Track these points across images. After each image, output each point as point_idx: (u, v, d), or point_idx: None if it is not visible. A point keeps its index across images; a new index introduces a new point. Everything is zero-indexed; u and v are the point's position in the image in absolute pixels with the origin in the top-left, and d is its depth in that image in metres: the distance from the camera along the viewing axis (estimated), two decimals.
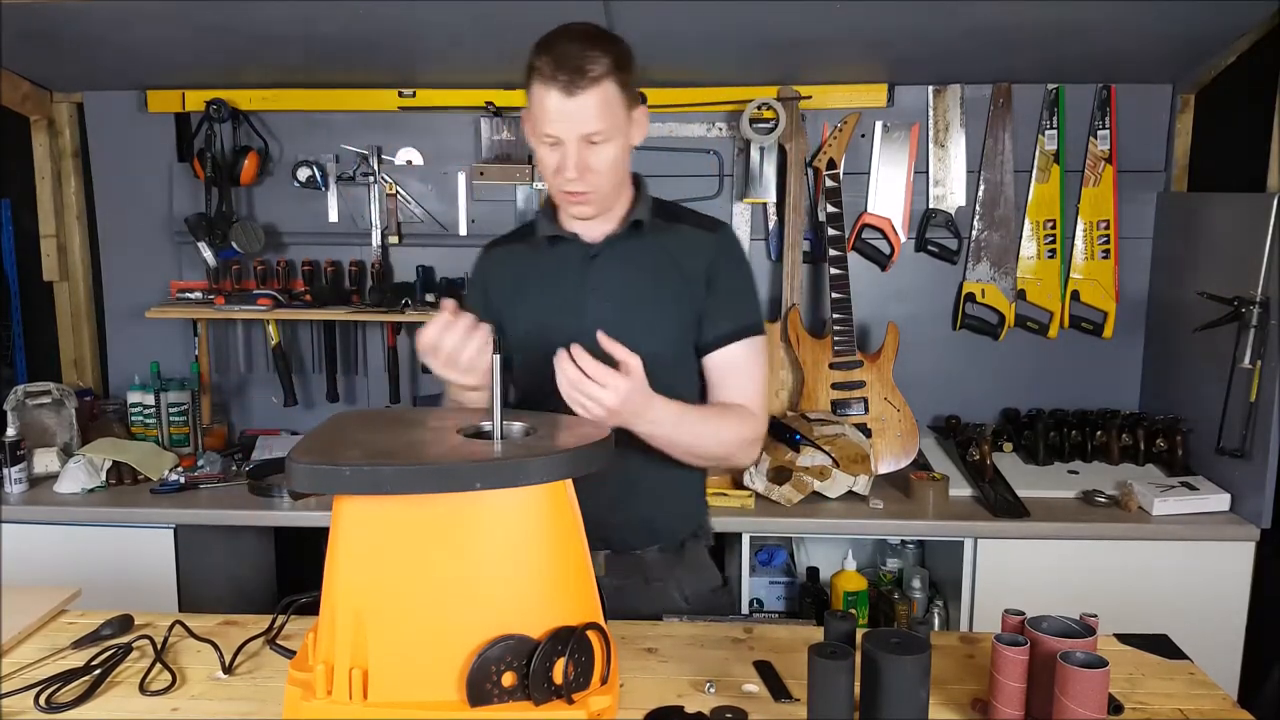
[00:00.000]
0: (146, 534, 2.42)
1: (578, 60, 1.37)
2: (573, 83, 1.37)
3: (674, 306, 1.54)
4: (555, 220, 1.57)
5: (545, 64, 1.38)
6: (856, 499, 2.44)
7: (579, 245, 1.56)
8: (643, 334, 1.49)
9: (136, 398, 2.86)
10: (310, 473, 1.05)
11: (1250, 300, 2.25)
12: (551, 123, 1.40)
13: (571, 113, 1.39)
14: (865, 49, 2.57)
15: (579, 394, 1.31)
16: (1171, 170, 2.78)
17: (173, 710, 1.24)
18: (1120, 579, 2.30)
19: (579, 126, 1.40)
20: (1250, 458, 2.29)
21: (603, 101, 1.40)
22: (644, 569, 1.58)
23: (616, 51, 1.42)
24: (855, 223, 2.82)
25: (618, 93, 1.41)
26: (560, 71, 1.37)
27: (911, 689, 1.09)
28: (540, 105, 1.40)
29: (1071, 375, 2.87)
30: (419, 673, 1.08)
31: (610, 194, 1.51)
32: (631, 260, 1.55)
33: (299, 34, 2.45)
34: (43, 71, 2.80)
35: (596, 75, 1.38)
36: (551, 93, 1.38)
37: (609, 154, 1.44)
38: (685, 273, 1.54)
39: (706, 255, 1.55)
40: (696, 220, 1.60)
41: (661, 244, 1.55)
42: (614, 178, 1.49)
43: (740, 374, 1.57)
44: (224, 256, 2.83)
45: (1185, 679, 1.31)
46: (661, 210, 1.59)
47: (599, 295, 1.53)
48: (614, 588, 1.56)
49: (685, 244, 1.56)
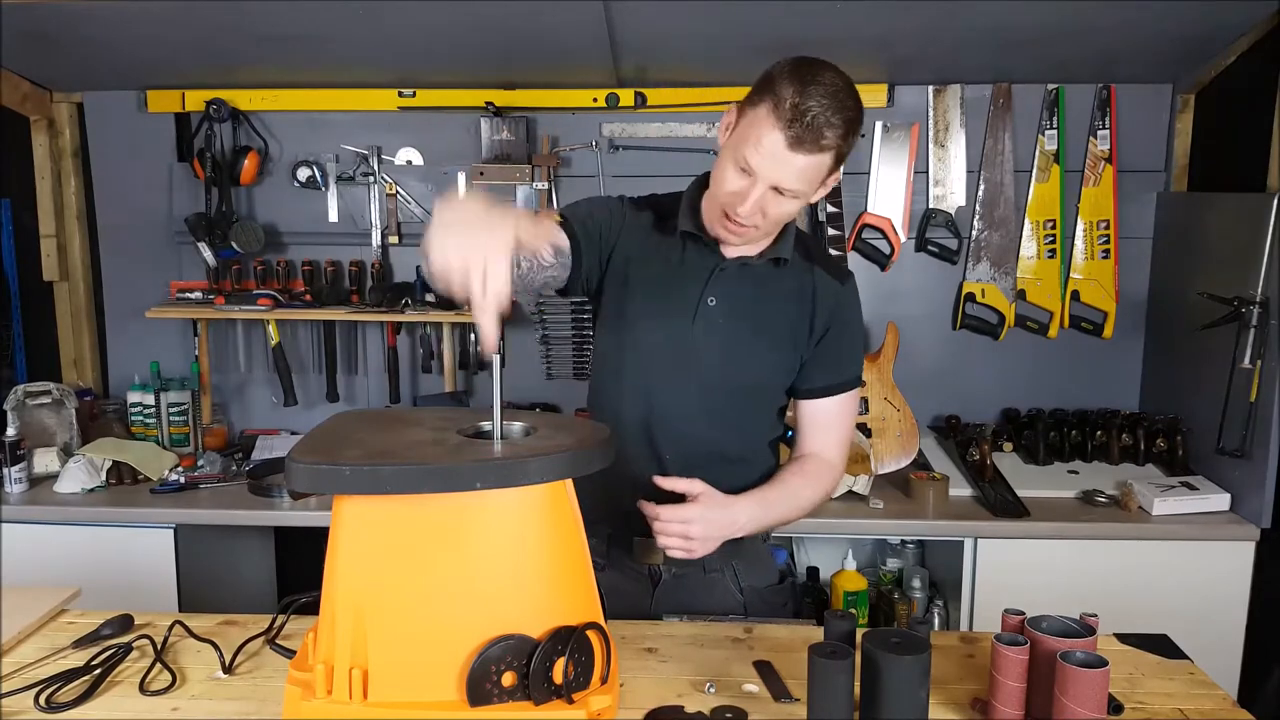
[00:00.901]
0: (146, 534, 2.42)
1: (821, 125, 1.31)
2: (801, 142, 1.32)
3: (781, 345, 1.55)
4: (699, 215, 1.53)
5: (788, 106, 1.31)
6: (856, 499, 2.44)
7: (713, 253, 1.53)
8: (744, 360, 1.53)
9: (136, 398, 2.86)
10: (310, 473, 1.05)
11: (1250, 300, 2.25)
12: (759, 158, 1.35)
13: (782, 163, 1.34)
14: (865, 49, 2.57)
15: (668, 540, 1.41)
16: (1171, 170, 2.78)
17: (173, 710, 1.24)
18: (1120, 579, 2.30)
19: (780, 178, 1.36)
20: (1250, 458, 2.29)
21: (815, 167, 1.36)
22: (702, 559, 1.56)
23: (853, 122, 1.36)
24: (855, 223, 2.82)
25: (830, 162, 1.37)
26: (795, 124, 1.31)
27: (911, 689, 1.09)
28: (757, 134, 1.34)
29: (1071, 375, 2.87)
30: (419, 673, 1.08)
31: (766, 236, 1.51)
32: (756, 287, 1.54)
33: (299, 34, 2.45)
34: (43, 71, 2.80)
35: (825, 145, 1.34)
36: (777, 135, 1.33)
37: (789, 208, 1.42)
38: (804, 316, 1.54)
39: (829, 306, 1.55)
40: (828, 265, 1.59)
41: (793, 282, 1.55)
42: (780, 223, 1.48)
43: (830, 427, 1.60)
44: (224, 256, 2.83)
45: (1185, 679, 1.31)
46: (802, 246, 1.57)
47: (714, 307, 1.52)
48: (672, 576, 1.59)
49: (812, 288, 1.55)
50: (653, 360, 1.54)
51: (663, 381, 1.54)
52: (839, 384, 1.59)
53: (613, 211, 1.57)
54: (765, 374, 1.57)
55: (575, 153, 2.84)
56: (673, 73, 2.70)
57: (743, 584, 1.62)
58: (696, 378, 1.53)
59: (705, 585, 1.60)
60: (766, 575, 1.67)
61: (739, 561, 1.62)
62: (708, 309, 1.52)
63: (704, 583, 1.60)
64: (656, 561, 1.56)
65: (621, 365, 1.56)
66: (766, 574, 1.67)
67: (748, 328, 1.53)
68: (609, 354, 1.59)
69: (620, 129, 2.82)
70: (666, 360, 1.53)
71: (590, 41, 2.44)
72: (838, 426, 1.61)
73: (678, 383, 1.53)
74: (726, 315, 1.53)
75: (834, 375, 1.58)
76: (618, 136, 2.82)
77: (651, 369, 1.54)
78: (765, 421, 1.62)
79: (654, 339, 1.53)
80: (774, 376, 1.58)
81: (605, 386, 1.60)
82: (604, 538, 1.60)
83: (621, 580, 1.59)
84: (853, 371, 1.60)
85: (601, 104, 2.77)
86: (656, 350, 1.53)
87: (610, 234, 1.55)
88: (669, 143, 2.81)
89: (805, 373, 1.58)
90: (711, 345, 1.52)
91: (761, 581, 1.65)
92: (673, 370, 1.53)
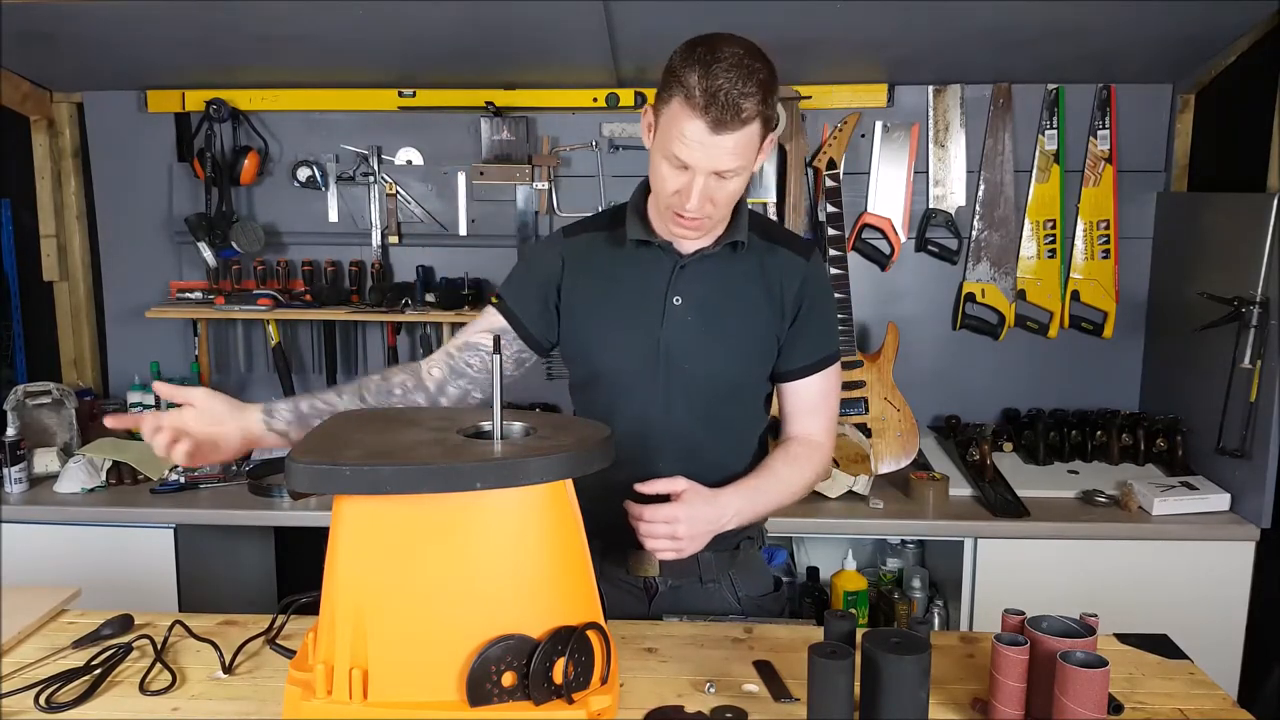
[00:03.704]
0: (146, 534, 2.42)
1: (734, 100, 1.29)
2: (723, 123, 1.30)
3: (756, 329, 1.52)
4: (647, 221, 1.52)
5: (697, 91, 1.29)
6: (856, 499, 2.44)
7: (670, 254, 1.51)
8: (721, 353, 1.50)
9: (136, 398, 2.86)
10: (310, 473, 1.05)
11: (1250, 300, 2.25)
12: (688, 151, 1.33)
13: (711, 147, 1.32)
14: (865, 49, 2.57)
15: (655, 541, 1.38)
16: (1171, 170, 2.78)
17: (173, 710, 1.24)
18: (1120, 579, 2.30)
19: (715, 162, 1.33)
20: (1250, 458, 2.29)
21: (746, 140, 1.33)
22: (699, 570, 1.55)
23: (767, 85, 1.33)
24: (855, 223, 2.82)
25: (759, 129, 1.35)
26: (712, 107, 1.29)
27: (911, 689, 1.09)
28: (678, 129, 1.32)
29: (1071, 375, 2.87)
30: (419, 673, 1.08)
31: (721, 221, 1.48)
32: (720, 277, 1.51)
33: (299, 34, 2.45)
34: (43, 71, 2.80)
35: (747, 117, 1.31)
36: (698, 123, 1.30)
37: (734, 187, 1.39)
38: (773, 297, 1.51)
39: (797, 282, 1.52)
40: (790, 242, 1.56)
41: (754, 264, 1.52)
42: (730, 207, 1.45)
43: (815, 407, 1.58)
44: (224, 256, 2.84)
45: (1185, 679, 1.31)
46: (758, 227, 1.54)
47: (680, 307, 1.50)
48: (670, 587, 1.57)
49: (778, 267, 1.52)
50: (628, 374, 1.51)
51: (642, 393, 1.51)
52: (818, 361, 1.55)
53: (547, 253, 1.58)
54: (745, 365, 1.53)
55: (575, 153, 2.84)
56: None
57: (740, 594, 1.60)
58: (676, 382, 1.50)
59: (703, 596, 1.57)
60: (763, 584, 1.64)
61: (735, 571, 1.60)
62: (674, 309, 1.49)
63: (701, 594, 1.58)
64: (652, 574, 1.55)
65: (600, 387, 1.55)
66: (762, 583, 1.65)
67: (718, 320, 1.50)
68: (586, 384, 1.58)
69: (620, 129, 2.82)
70: (642, 371, 1.50)
71: (590, 41, 2.44)
72: (823, 406, 1.58)
73: (657, 391, 1.50)
74: (695, 312, 1.50)
75: (812, 353, 1.55)
76: (618, 136, 2.82)
77: (629, 383, 1.51)
78: (752, 415, 1.59)
79: (625, 353, 1.51)
80: (754, 366, 1.54)
81: (589, 408, 1.57)
82: (598, 551, 1.58)
83: (616, 594, 1.56)
84: (831, 347, 1.57)
85: (601, 104, 2.77)
86: (633, 362, 1.51)
87: (552, 276, 1.55)
88: None
89: (784, 355, 1.54)
90: (684, 345, 1.49)
91: (758, 590, 1.63)
92: (650, 379, 1.50)
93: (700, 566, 1.56)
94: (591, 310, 1.54)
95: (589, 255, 1.55)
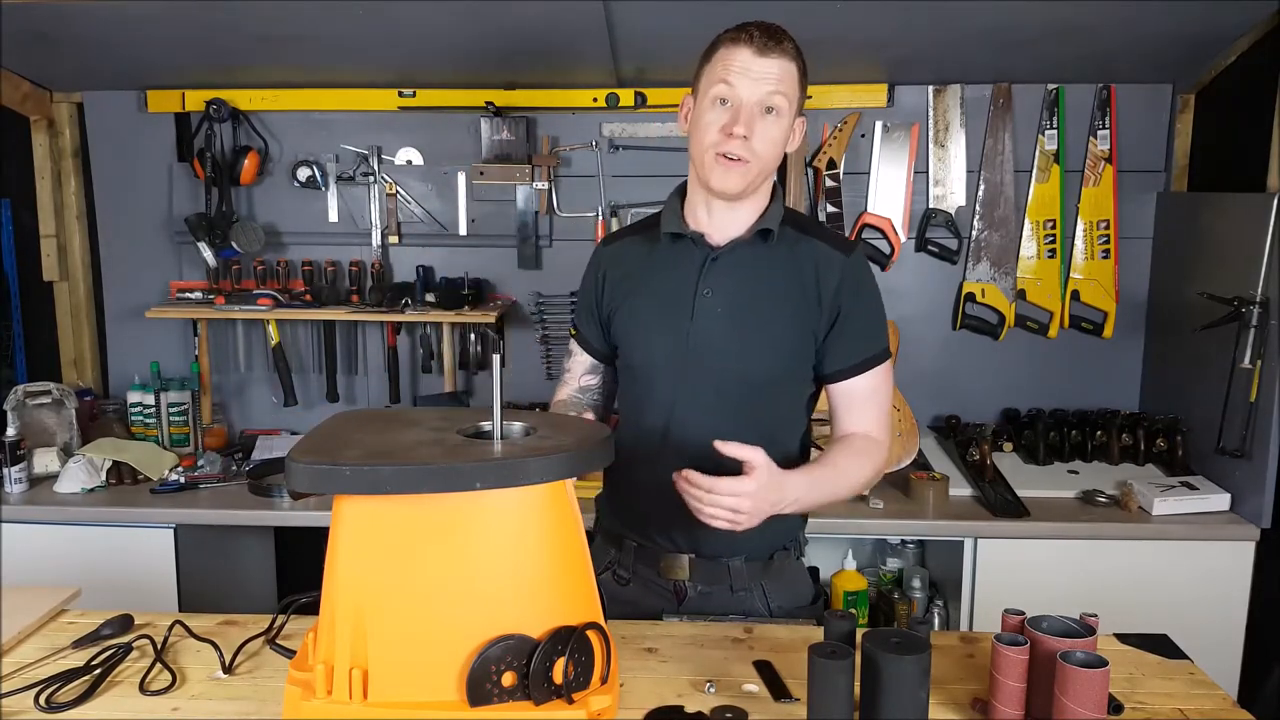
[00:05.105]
0: (146, 534, 2.42)
1: (774, 30, 1.42)
2: (767, 45, 1.40)
3: (790, 323, 1.49)
4: (681, 217, 1.53)
5: (738, 31, 1.42)
6: (856, 499, 2.44)
7: (701, 245, 1.51)
8: (752, 346, 1.49)
9: (136, 397, 2.86)
10: (310, 473, 1.05)
11: (1250, 300, 2.25)
12: (736, 75, 1.40)
13: (759, 72, 1.40)
14: (865, 49, 2.57)
15: (711, 510, 1.32)
16: (1171, 170, 2.78)
17: (173, 710, 1.24)
18: (1120, 579, 2.30)
19: (762, 86, 1.40)
20: (1250, 458, 2.29)
21: (788, 73, 1.42)
22: (729, 577, 1.54)
23: (799, 49, 1.45)
24: (855, 222, 2.82)
25: (796, 81, 1.44)
26: (757, 34, 1.40)
27: (911, 689, 1.09)
28: (725, 61, 1.42)
29: (1071, 375, 2.87)
30: (419, 673, 1.08)
31: (760, 176, 1.46)
32: (753, 269, 1.49)
33: (299, 34, 2.45)
34: (43, 71, 2.79)
35: (788, 48, 1.42)
36: (743, 50, 1.40)
37: (775, 133, 1.43)
38: (809, 291, 1.49)
39: (835, 277, 1.49)
40: (828, 237, 1.54)
41: (789, 257, 1.50)
42: (771, 160, 1.46)
43: (867, 404, 1.54)
44: (224, 256, 2.84)
45: (1185, 679, 1.31)
46: (793, 221, 1.53)
47: (710, 299, 1.49)
48: (697, 594, 1.55)
49: (814, 261, 1.49)
50: (663, 368, 1.52)
51: (677, 387, 1.51)
52: (867, 359, 1.51)
53: (589, 271, 1.66)
54: (776, 359, 1.50)
55: (575, 153, 2.84)
56: (673, 73, 2.70)
57: (773, 604, 1.56)
58: (709, 376, 1.49)
59: (733, 604, 1.55)
60: (798, 596, 1.60)
61: (768, 581, 1.56)
62: (705, 301, 1.49)
63: (732, 601, 1.55)
64: (682, 577, 1.54)
65: (635, 381, 1.58)
66: (798, 594, 1.60)
67: (748, 313, 1.48)
68: (623, 378, 1.62)
69: (620, 129, 2.82)
70: (675, 365, 1.50)
71: (590, 41, 2.44)
72: (875, 403, 1.54)
73: (691, 386, 1.50)
74: (726, 304, 1.49)
75: (860, 351, 1.51)
76: (618, 136, 2.82)
77: (664, 378, 1.52)
78: (788, 415, 1.56)
79: (659, 347, 1.52)
80: (786, 360, 1.51)
81: (626, 403, 1.62)
82: (630, 550, 1.58)
83: (645, 595, 1.56)
84: (878, 346, 1.53)
85: (601, 104, 2.78)
86: (663, 357, 1.52)
87: (593, 291, 1.63)
88: (669, 143, 2.81)
89: (830, 355, 1.51)
90: (716, 339, 1.48)
91: (791, 602, 1.58)
92: (683, 374, 1.50)
93: (731, 574, 1.54)
94: (627, 307, 1.56)
95: (624, 258, 1.60)
